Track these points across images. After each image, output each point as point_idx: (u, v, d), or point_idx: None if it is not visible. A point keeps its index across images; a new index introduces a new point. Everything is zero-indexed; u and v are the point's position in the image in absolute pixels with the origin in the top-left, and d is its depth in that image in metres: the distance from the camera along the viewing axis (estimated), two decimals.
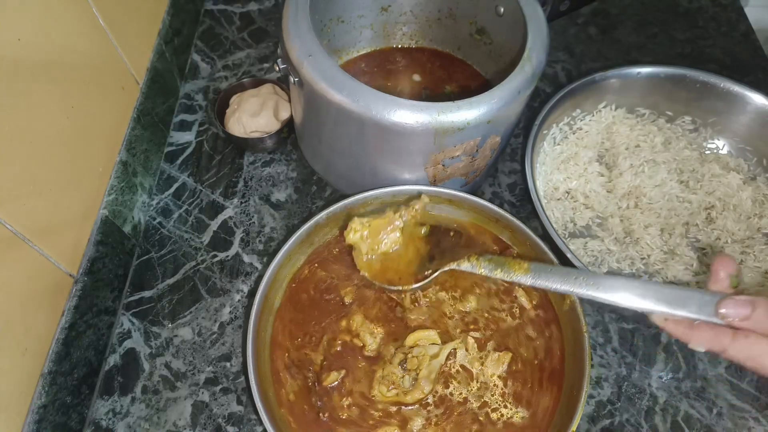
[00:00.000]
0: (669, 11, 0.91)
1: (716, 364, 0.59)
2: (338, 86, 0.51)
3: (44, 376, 0.50)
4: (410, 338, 0.55)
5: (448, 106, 0.51)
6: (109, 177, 0.62)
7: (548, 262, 0.56)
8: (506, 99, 0.52)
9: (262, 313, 0.54)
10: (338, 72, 0.52)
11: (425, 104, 0.51)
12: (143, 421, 0.55)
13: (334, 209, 0.59)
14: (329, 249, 0.61)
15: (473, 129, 0.52)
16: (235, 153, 0.73)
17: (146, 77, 0.70)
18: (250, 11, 0.88)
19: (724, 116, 0.69)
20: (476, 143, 0.55)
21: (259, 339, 0.53)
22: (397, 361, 0.54)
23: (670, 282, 0.62)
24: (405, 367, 0.53)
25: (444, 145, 0.53)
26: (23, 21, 0.47)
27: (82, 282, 0.55)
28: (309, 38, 0.53)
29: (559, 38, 0.87)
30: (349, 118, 0.53)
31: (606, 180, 0.68)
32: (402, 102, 0.50)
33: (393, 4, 0.72)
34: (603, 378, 0.58)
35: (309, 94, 0.54)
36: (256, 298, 0.54)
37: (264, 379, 0.52)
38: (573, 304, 0.53)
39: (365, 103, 0.50)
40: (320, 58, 0.52)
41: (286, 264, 0.58)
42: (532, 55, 0.55)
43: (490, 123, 0.53)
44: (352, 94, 0.51)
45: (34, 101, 0.49)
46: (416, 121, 0.50)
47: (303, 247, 0.59)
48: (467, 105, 0.51)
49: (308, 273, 0.60)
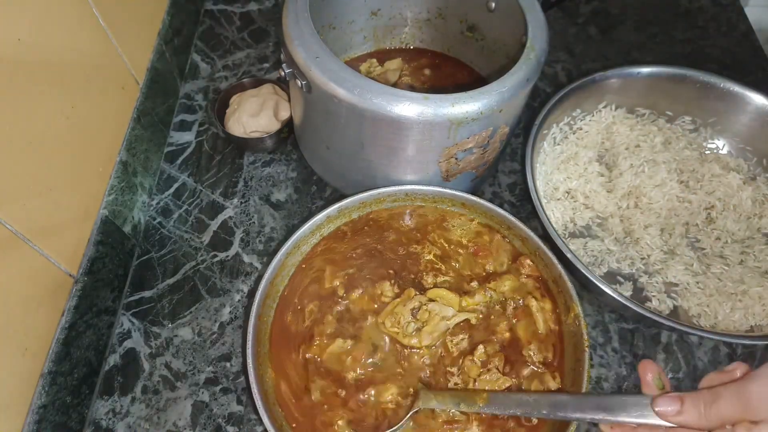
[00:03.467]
0: (669, 11, 0.91)
1: (716, 364, 0.59)
2: (350, 86, 0.51)
3: (44, 376, 0.50)
4: (432, 292, 0.56)
5: (461, 96, 0.51)
6: (109, 177, 0.62)
7: (548, 262, 0.56)
8: (516, 87, 0.53)
9: (262, 313, 0.54)
10: (349, 72, 0.52)
11: (439, 96, 0.51)
12: (143, 421, 0.55)
13: (335, 209, 0.59)
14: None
15: (485, 119, 0.53)
16: (235, 153, 0.73)
17: (146, 77, 0.70)
18: (250, 11, 0.88)
19: (724, 116, 0.69)
20: (488, 134, 0.55)
21: (259, 339, 0.53)
22: (410, 306, 0.54)
23: None
24: (416, 315, 0.54)
25: (458, 137, 0.54)
26: (23, 21, 0.47)
27: (82, 282, 0.55)
28: (313, 41, 0.53)
29: (559, 38, 0.87)
30: (362, 119, 0.53)
31: (606, 180, 0.68)
32: (415, 97, 0.50)
33: (382, 8, 0.72)
34: (603, 378, 0.58)
35: (318, 97, 0.54)
36: (255, 298, 0.54)
37: (264, 379, 0.52)
38: (577, 319, 0.53)
39: (378, 101, 0.50)
40: (328, 59, 0.52)
41: (286, 264, 0.57)
42: (535, 45, 0.55)
43: (501, 112, 0.53)
44: (365, 92, 0.51)
45: (34, 101, 0.49)
46: (433, 113, 0.50)
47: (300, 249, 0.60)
48: (479, 95, 0.52)
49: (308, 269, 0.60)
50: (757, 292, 0.58)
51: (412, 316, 0.54)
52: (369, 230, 0.62)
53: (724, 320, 0.58)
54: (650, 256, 0.62)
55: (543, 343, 0.55)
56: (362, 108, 0.51)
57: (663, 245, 0.63)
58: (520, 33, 0.58)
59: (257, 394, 0.49)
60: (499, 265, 0.59)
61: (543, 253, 0.56)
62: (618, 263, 0.62)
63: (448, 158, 0.57)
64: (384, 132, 0.54)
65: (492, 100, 0.52)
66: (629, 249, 0.63)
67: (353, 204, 0.60)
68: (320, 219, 0.59)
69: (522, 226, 0.58)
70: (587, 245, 0.63)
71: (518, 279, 0.58)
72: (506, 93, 0.52)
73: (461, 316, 0.55)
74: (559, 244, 0.55)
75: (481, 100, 0.51)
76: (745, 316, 0.58)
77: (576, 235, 0.65)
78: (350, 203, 0.60)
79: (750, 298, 0.58)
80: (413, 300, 0.55)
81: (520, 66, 0.54)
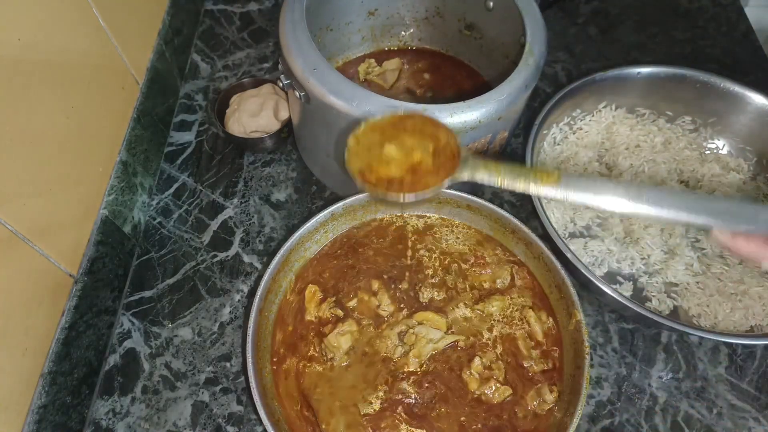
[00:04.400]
0: (669, 11, 0.91)
1: (716, 364, 0.59)
2: (348, 98, 0.51)
3: (44, 376, 0.50)
4: (419, 315, 0.56)
5: (459, 106, 0.51)
6: (109, 177, 0.62)
7: (551, 267, 0.55)
8: (514, 94, 0.53)
9: (262, 313, 0.54)
10: (347, 83, 0.52)
11: (437, 107, 0.50)
12: (143, 421, 0.55)
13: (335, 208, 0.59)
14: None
15: (484, 127, 0.52)
16: (235, 153, 0.73)
17: (146, 77, 0.70)
18: (250, 11, 0.88)
19: (724, 116, 0.69)
20: (487, 141, 0.55)
21: (259, 339, 0.53)
22: (397, 330, 0.55)
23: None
24: (402, 339, 0.54)
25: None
26: (23, 21, 0.47)
27: (82, 282, 0.55)
28: (311, 52, 0.53)
29: (559, 38, 0.87)
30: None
31: None
32: (413, 108, 0.50)
33: (380, 8, 0.72)
34: (603, 378, 0.58)
35: (317, 107, 0.54)
36: (255, 298, 0.53)
37: (264, 379, 0.52)
38: (578, 325, 0.52)
39: (377, 112, 0.50)
40: (325, 70, 0.52)
41: (286, 264, 0.57)
42: (534, 48, 0.55)
43: (500, 119, 0.53)
44: (363, 104, 0.51)
45: (35, 101, 0.49)
46: None
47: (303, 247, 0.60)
48: (477, 104, 0.51)
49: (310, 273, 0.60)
50: (757, 292, 0.58)
51: (399, 340, 0.54)
52: (366, 240, 0.62)
53: (724, 320, 0.58)
54: (650, 256, 0.62)
55: (542, 354, 0.55)
56: (360, 118, 0.51)
57: (663, 245, 0.63)
58: (518, 33, 0.58)
59: (257, 394, 0.49)
60: (495, 280, 0.59)
61: (546, 258, 0.56)
62: (618, 263, 0.62)
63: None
64: None
65: (491, 108, 0.51)
66: (629, 249, 0.63)
67: (358, 202, 0.60)
68: (324, 216, 0.58)
69: (528, 231, 0.57)
70: (587, 245, 0.63)
71: (508, 297, 0.57)
72: (505, 101, 0.52)
73: (448, 339, 0.55)
74: (559, 244, 0.55)
75: (480, 109, 0.51)
76: (745, 316, 0.58)
77: (576, 235, 0.65)
78: (354, 201, 0.60)
79: (750, 298, 0.59)
80: (400, 324, 0.55)
81: (519, 72, 0.53)
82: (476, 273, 0.59)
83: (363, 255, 0.60)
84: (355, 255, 0.60)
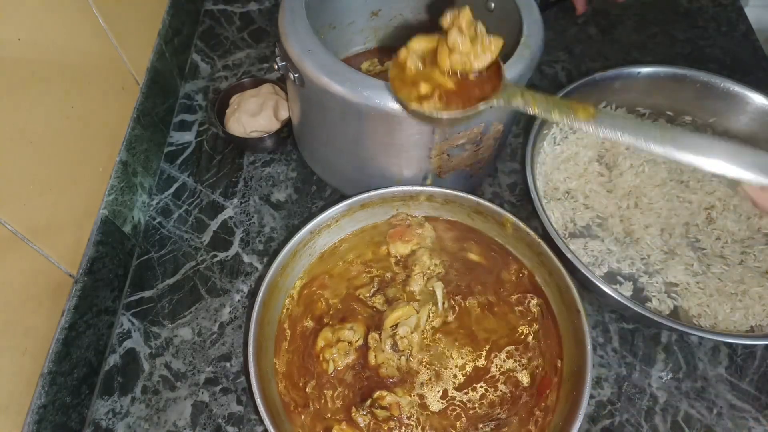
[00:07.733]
0: (669, 11, 0.91)
1: (716, 364, 0.59)
2: (340, 79, 0.51)
3: (44, 376, 0.50)
4: (390, 320, 0.55)
5: None
6: (109, 177, 0.62)
7: (548, 262, 0.56)
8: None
9: (263, 313, 0.54)
10: (339, 65, 0.52)
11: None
12: (143, 421, 0.55)
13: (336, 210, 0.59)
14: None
15: (476, 116, 0.52)
16: (235, 153, 0.73)
17: (146, 77, 0.70)
18: (250, 11, 0.88)
19: (724, 116, 0.69)
20: (480, 130, 0.55)
21: (260, 339, 0.53)
22: (388, 347, 0.54)
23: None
24: (397, 349, 0.54)
25: (448, 133, 0.54)
26: (23, 21, 0.47)
27: (82, 282, 0.55)
28: (307, 36, 0.53)
29: (559, 38, 0.87)
30: (352, 111, 0.52)
31: (606, 180, 0.68)
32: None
33: (383, 8, 0.72)
34: (603, 378, 0.58)
35: (310, 90, 0.54)
36: (256, 298, 0.53)
37: (264, 379, 0.52)
38: (580, 324, 0.52)
39: (369, 94, 0.50)
40: (320, 52, 0.52)
41: (288, 264, 0.57)
42: (530, 41, 0.55)
43: (492, 108, 0.53)
44: (355, 85, 0.50)
45: (34, 101, 0.49)
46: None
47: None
48: None
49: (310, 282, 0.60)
50: (757, 292, 0.58)
51: (395, 352, 0.54)
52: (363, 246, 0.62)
53: (724, 320, 0.58)
54: (650, 256, 0.62)
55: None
56: (353, 101, 0.51)
57: (663, 245, 0.63)
58: (518, 34, 0.58)
59: (257, 394, 0.49)
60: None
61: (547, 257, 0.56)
62: (618, 263, 0.62)
63: (439, 154, 0.57)
64: (375, 126, 0.54)
65: None
66: (629, 249, 0.63)
67: (366, 199, 0.60)
68: (325, 217, 0.58)
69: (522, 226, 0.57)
70: (587, 245, 0.63)
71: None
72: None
73: (425, 310, 0.55)
74: (560, 244, 0.55)
75: None
76: (745, 316, 0.58)
77: (576, 235, 0.65)
78: (357, 201, 0.60)
79: (750, 298, 0.58)
80: (381, 342, 0.54)
81: (513, 62, 0.53)
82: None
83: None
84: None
